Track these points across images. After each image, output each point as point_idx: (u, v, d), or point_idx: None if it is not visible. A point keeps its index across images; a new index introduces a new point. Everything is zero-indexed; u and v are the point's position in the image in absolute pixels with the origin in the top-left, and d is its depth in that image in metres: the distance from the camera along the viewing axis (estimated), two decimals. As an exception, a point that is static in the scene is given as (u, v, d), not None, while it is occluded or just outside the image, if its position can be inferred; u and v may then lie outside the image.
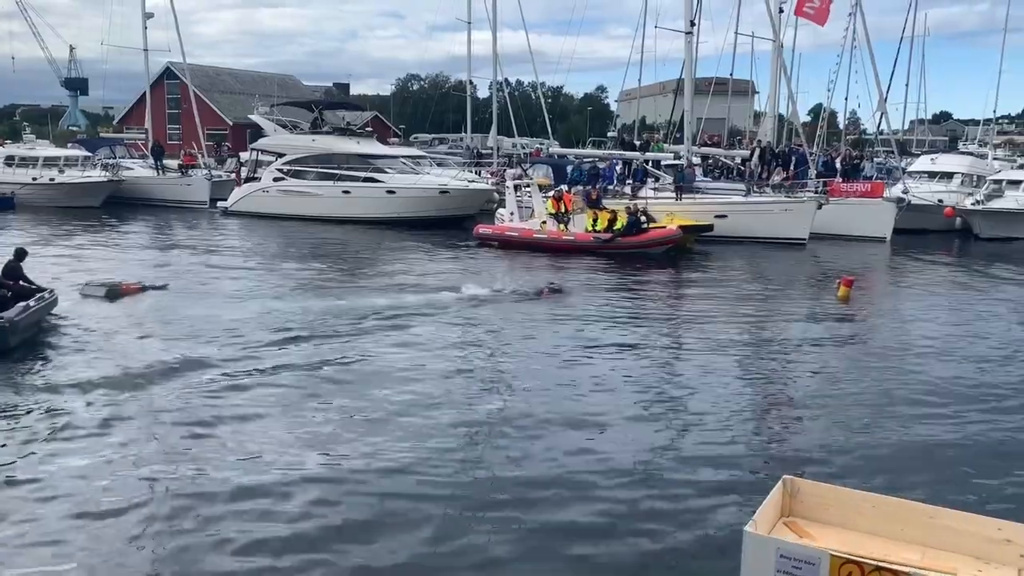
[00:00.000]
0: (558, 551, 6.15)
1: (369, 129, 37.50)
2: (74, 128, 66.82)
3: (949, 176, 33.02)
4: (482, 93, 63.60)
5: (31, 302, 11.84)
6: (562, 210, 23.96)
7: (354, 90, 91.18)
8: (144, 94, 44.04)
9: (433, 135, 64.42)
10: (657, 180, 29.60)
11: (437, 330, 12.95)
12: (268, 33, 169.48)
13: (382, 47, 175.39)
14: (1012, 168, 37.81)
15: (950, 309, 16.55)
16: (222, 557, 5.98)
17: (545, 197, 25.00)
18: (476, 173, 37.08)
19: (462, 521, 6.54)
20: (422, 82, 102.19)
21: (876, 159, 43.63)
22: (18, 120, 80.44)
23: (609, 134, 48.34)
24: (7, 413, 8.74)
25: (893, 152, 37.95)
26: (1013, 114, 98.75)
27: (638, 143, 38.64)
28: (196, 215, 32.86)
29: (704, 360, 11.75)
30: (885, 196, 27.39)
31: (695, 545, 6.24)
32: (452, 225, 28.28)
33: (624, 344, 12.55)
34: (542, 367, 11.10)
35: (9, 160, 36.00)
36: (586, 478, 7.34)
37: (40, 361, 10.88)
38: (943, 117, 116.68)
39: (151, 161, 38.54)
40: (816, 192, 26.23)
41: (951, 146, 58.08)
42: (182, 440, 8.14)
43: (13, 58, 64.27)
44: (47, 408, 8.94)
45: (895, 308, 16.68)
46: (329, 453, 7.81)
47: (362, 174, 30.95)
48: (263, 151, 34.33)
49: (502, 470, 7.52)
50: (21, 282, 12.69)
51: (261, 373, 10.30)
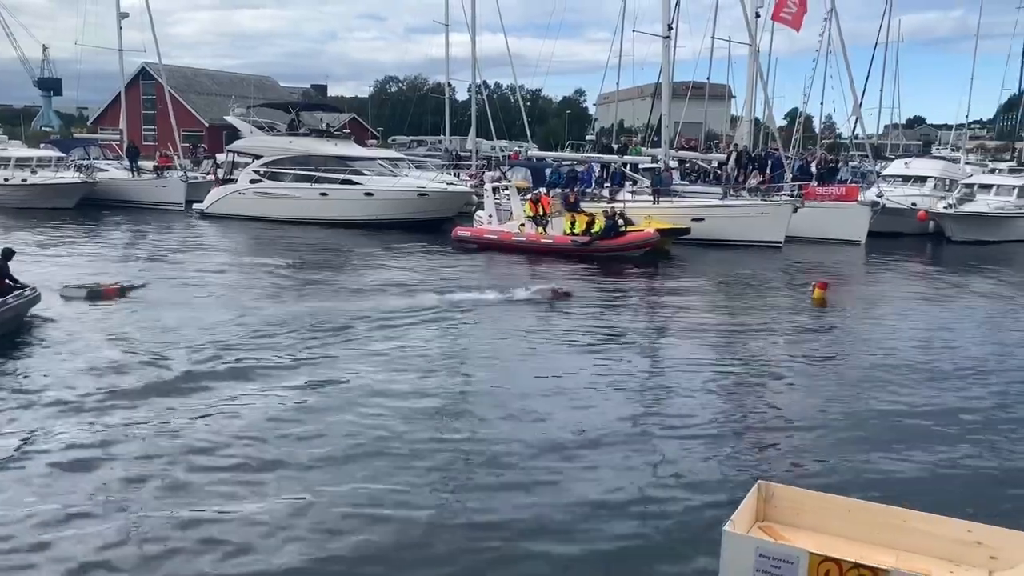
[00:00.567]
0: (532, 553, 6.14)
1: (347, 131, 37.41)
2: (47, 129, 65.92)
3: (922, 180, 33.41)
4: (461, 95, 63.47)
5: (9, 298, 12.12)
6: (540, 213, 24.02)
7: (332, 92, 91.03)
8: (119, 94, 43.62)
9: (412, 137, 64.32)
10: (635, 183, 29.71)
11: (416, 334, 12.89)
12: (246, 34, 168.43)
13: (361, 49, 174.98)
14: (983, 172, 38.39)
15: (923, 312, 16.74)
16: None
17: (523, 200, 25.03)
18: (455, 175, 37.05)
19: (442, 519, 6.52)
20: (400, 84, 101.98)
21: (851, 163, 44.06)
22: (-10, 120, 79.30)
23: (587, 137, 48.56)
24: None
25: (868, 156, 38.37)
26: (985, 119, 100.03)
27: (616, 146, 38.83)
28: (172, 217, 32.54)
29: (680, 363, 11.80)
30: (860, 200, 27.69)
31: (671, 547, 6.25)
32: (430, 228, 28.20)
33: (601, 347, 12.57)
34: (518, 370, 11.11)
35: (-19, 161, 35.51)
36: (562, 481, 7.35)
37: (14, 361, 10.81)
38: (917, 122, 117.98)
39: (126, 162, 38.16)
40: (792, 196, 26.45)
41: (924, 150, 58.82)
42: (152, 445, 8.04)
43: (-15, 58, 63.39)
44: (17, 405, 8.86)
45: (869, 311, 16.82)
46: (302, 464, 7.72)
47: (340, 176, 30.79)
48: (240, 153, 34.10)
49: (479, 476, 7.51)
50: (7, 280, 12.79)
51: (236, 379, 10.17)
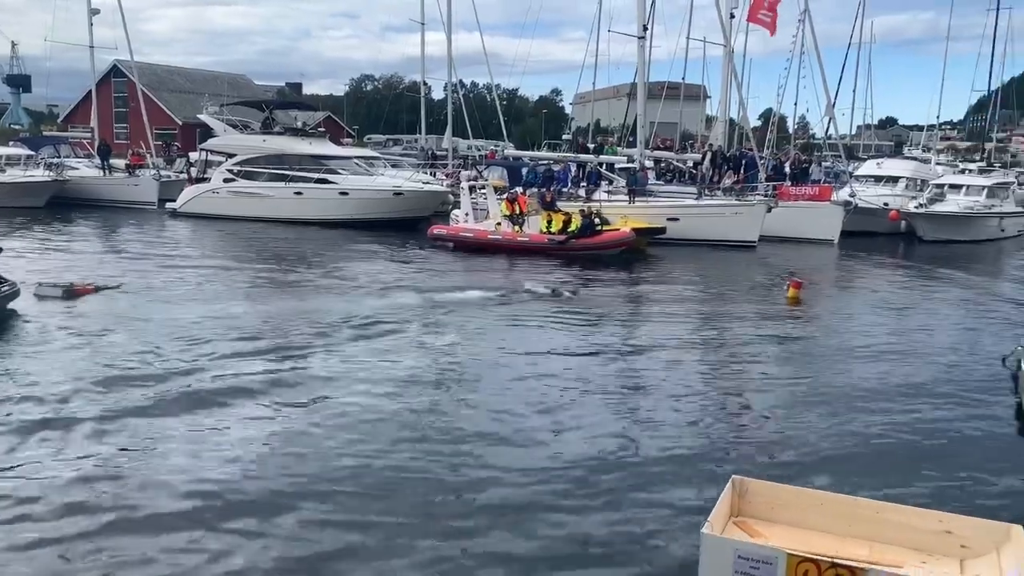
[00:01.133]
0: (503, 553, 6.12)
1: (322, 129, 37.14)
2: (16, 127, 65.00)
3: (894, 180, 33.85)
4: (437, 94, 63.59)
5: None
6: (517, 212, 24.03)
7: (307, 90, 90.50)
8: (90, 92, 43.03)
9: (387, 136, 64.08)
10: (611, 183, 29.82)
11: (393, 335, 12.79)
12: (219, 32, 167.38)
13: (335, 47, 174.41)
14: (954, 173, 38.95)
15: (894, 310, 16.95)
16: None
17: (500, 199, 25.03)
18: (431, 174, 36.98)
19: (419, 523, 6.49)
20: (376, 83, 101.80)
21: (824, 163, 44.51)
22: (-43, 117, 78.05)
23: (564, 137, 48.65)
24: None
25: (841, 156, 38.79)
26: (955, 120, 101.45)
27: (592, 146, 38.92)
28: (144, 216, 32.17)
29: (655, 361, 11.83)
30: (833, 200, 27.97)
31: (648, 547, 6.24)
32: (406, 227, 28.11)
33: (577, 346, 12.56)
34: (494, 370, 11.05)
35: (-52, 159, 34.92)
36: (536, 480, 7.32)
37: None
38: (889, 122, 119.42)
39: (97, 161, 37.66)
40: (766, 195, 26.67)
41: (896, 151, 59.55)
42: (121, 450, 7.93)
43: (-49, 54, 62.46)
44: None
45: (842, 309, 17.01)
46: (276, 471, 7.57)
47: (315, 175, 30.60)
48: (213, 151, 33.78)
49: (454, 474, 7.47)
50: None
51: (210, 380, 10.00)
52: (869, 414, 9.51)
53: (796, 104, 49.32)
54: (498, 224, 23.99)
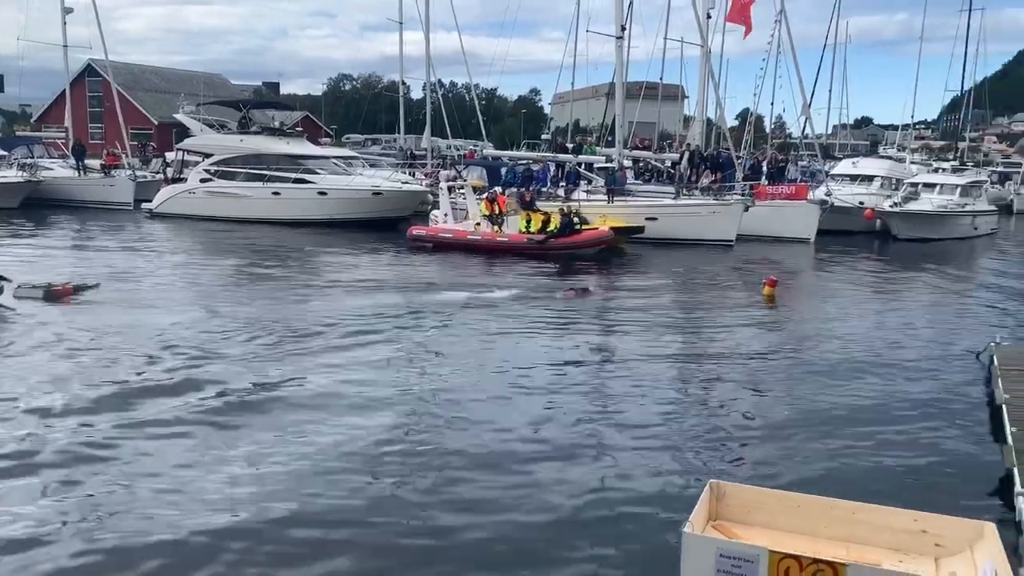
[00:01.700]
0: (482, 558, 6.12)
1: (299, 129, 36.94)
2: (-12, 127, 64.21)
3: (870, 179, 34.20)
4: (416, 94, 63.28)
5: None
6: (496, 211, 24.05)
7: (285, 90, 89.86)
8: (64, 91, 42.54)
9: (366, 136, 63.85)
10: (589, 183, 29.94)
11: (371, 336, 12.74)
12: (195, 31, 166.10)
13: (313, 46, 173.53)
14: (928, 172, 39.40)
15: (869, 308, 17.11)
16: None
17: (479, 199, 25.04)
18: (410, 174, 36.88)
19: (394, 532, 6.46)
20: (354, 82, 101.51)
21: (800, 162, 44.84)
22: (-72, 117, 76.80)
23: (543, 136, 48.57)
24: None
25: (817, 156, 39.08)
26: (929, 120, 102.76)
27: (571, 146, 38.99)
28: (120, 217, 31.81)
29: (632, 361, 11.83)
30: (809, 199, 28.21)
31: (627, 549, 6.25)
32: (385, 227, 28.03)
33: (552, 347, 12.56)
34: (471, 371, 10.99)
35: (-81, 159, 34.42)
36: (513, 484, 7.30)
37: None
38: (864, 122, 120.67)
39: (72, 161, 37.25)
40: (743, 195, 26.83)
41: (871, 150, 60.09)
42: (94, 457, 7.84)
43: (-78, 52, 61.43)
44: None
45: (818, 308, 17.13)
46: (256, 478, 7.54)
47: (292, 175, 30.43)
48: (190, 151, 33.51)
49: (430, 482, 7.45)
50: None
51: (184, 388, 9.77)
52: (843, 412, 9.58)
53: (773, 104, 49.64)
54: (477, 224, 23.99)
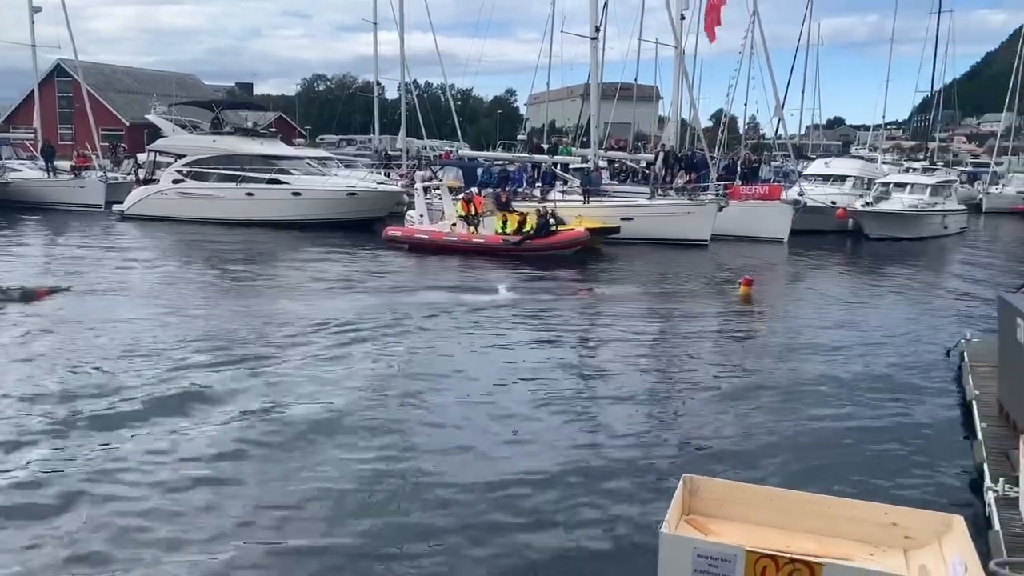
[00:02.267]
0: (459, 557, 6.10)
1: (273, 130, 36.73)
2: (-45, 128, 63.13)
3: (842, 179, 34.60)
4: (391, 94, 63.16)
5: None
6: (472, 212, 24.02)
7: (258, 90, 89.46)
8: (32, 92, 41.93)
9: (340, 136, 63.56)
10: (565, 183, 29.99)
11: (344, 338, 12.65)
12: (167, 31, 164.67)
13: (287, 46, 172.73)
14: (899, 172, 39.87)
15: (842, 306, 17.24)
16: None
17: (455, 199, 25.00)
18: (385, 175, 36.76)
19: (371, 538, 6.41)
20: (328, 82, 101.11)
21: (774, 163, 45.20)
22: None
23: (519, 137, 48.64)
24: None
25: (790, 156, 39.44)
26: (900, 120, 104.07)
27: (547, 146, 39.04)
28: (90, 219, 31.41)
29: (607, 362, 11.88)
30: (782, 199, 28.47)
31: (603, 549, 6.25)
32: (360, 228, 27.92)
33: (527, 347, 12.55)
34: (445, 376, 10.85)
35: None
36: (488, 487, 7.25)
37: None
38: (836, 122, 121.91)
39: (41, 162, 36.78)
40: (717, 195, 27.02)
41: (844, 150, 60.66)
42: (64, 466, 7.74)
43: None
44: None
45: (792, 306, 17.29)
46: (233, 490, 7.44)
47: (266, 176, 30.23)
48: (162, 152, 33.18)
49: (408, 480, 7.43)
50: None
51: (158, 393, 9.61)
52: (817, 408, 9.67)
53: (746, 105, 49.80)
54: (453, 225, 23.96)
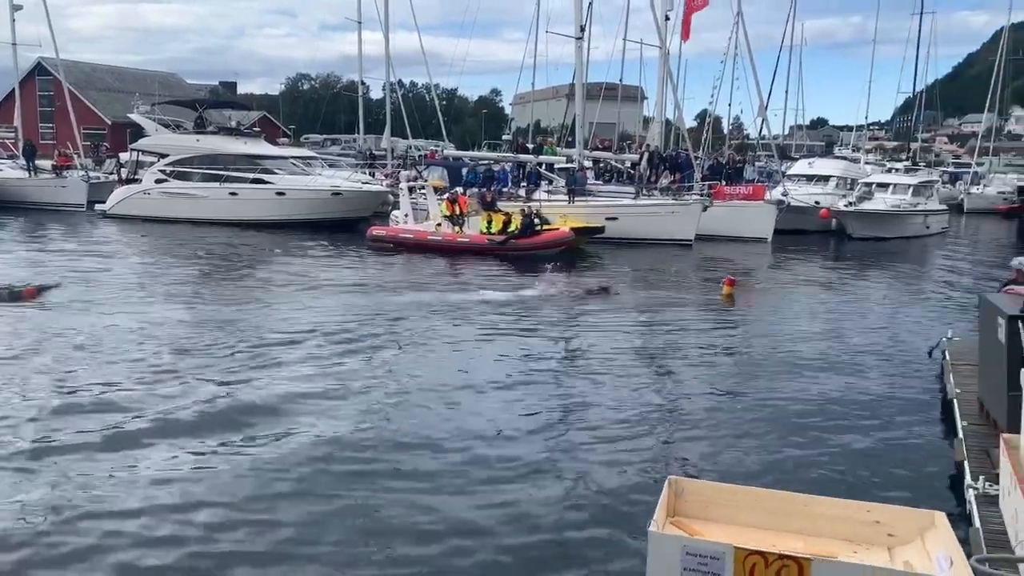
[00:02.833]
0: (444, 557, 6.10)
1: (257, 129, 36.53)
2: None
3: (825, 179, 34.81)
4: (375, 94, 63.00)
5: None
6: (457, 212, 24.00)
7: (242, 89, 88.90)
8: (13, 90, 41.53)
9: (325, 136, 63.34)
10: (550, 183, 30.01)
11: (330, 340, 12.61)
12: (152, 29, 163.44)
13: (271, 45, 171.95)
14: (882, 172, 40.17)
15: (825, 306, 17.38)
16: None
17: (440, 199, 24.97)
18: (370, 175, 36.66)
19: (359, 550, 6.39)
20: (313, 82, 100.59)
21: (757, 163, 45.42)
22: None
23: (504, 137, 48.62)
24: None
25: (773, 156, 39.64)
26: (883, 121, 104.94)
27: (532, 146, 39.07)
28: (72, 218, 31.15)
29: (591, 361, 11.88)
30: (766, 199, 28.59)
31: (590, 551, 6.24)
32: (345, 227, 27.83)
33: (510, 347, 12.56)
34: (431, 370, 10.93)
35: None
36: (473, 492, 7.24)
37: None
38: (820, 123, 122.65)
39: (22, 161, 36.45)
40: (701, 195, 27.11)
41: (827, 151, 61.06)
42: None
43: None
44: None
45: (775, 306, 17.37)
46: (215, 499, 7.34)
47: (250, 175, 30.06)
48: (144, 151, 32.91)
49: (392, 480, 7.42)
50: None
51: (140, 401, 9.41)
52: (799, 408, 9.73)
53: (730, 105, 50.18)
54: (438, 225, 23.93)
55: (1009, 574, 4.97)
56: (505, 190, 28.04)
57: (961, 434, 7.97)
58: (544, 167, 31.13)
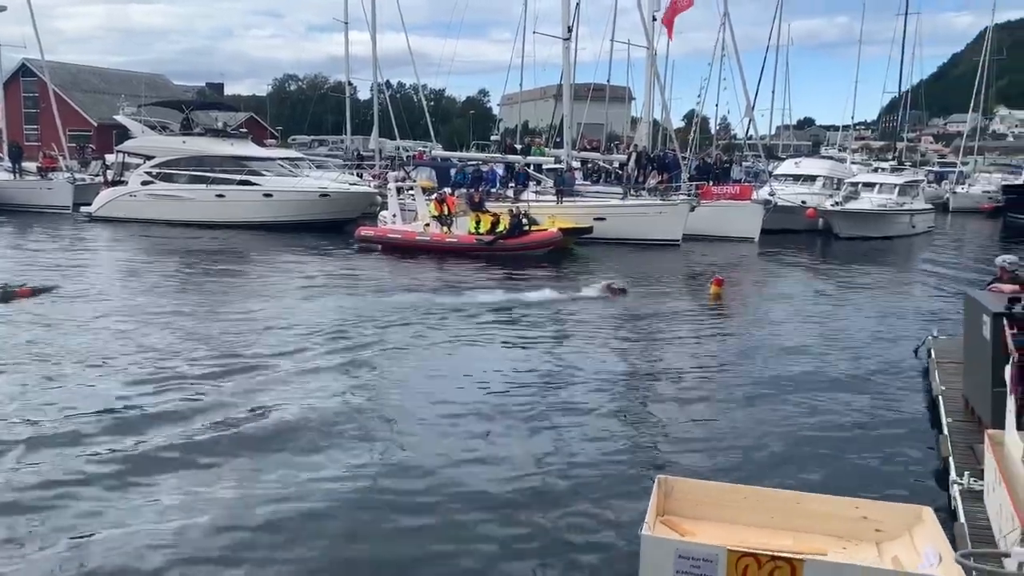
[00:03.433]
0: (434, 560, 6.09)
1: (244, 130, 36.41)
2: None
3: (812, 179, 34.97)
4: (363, 95, 62.87)
5: None
6: (445, 212, 24.00)
7: (229, 90, 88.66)
8: (-3, 91, 41.29)
9: (312, 137, 63.16)
10: (538, 183, 30.03)
11: (318, 340, 12.58)
12: (138, 30, 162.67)
13: (258, 46, 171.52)
14: (868, 172, 40.42)
15: (812, 305, 17.47)
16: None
17: (428, 199, 24.96)
18: (358, 175, 36.59)
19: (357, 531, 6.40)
20: (300, 83, 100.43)
21: (744, 163, 45.60)
22: None
23: (492, 137, 48.66)
24: None
25: (760, 156, 39.79)
26: (869, 120, 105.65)
27: (520, 147, 39.09)
28: (58, 221, 30.89)
29: (579, 361, 11.86)
30: (753, 198, 28.71)
31: (581, 553, 6.22)
32: (333, 229, 27.76)
33: (499, 348, 12.58)
34: (419, 381, 10.72)
35: None
36: (464, 496, 7.20)
37: None
38: (806, 123, 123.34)
39: (7, 163, 36.20)
40: (689, 195, 27.20)
41: (814, 151, 61.35)
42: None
43: None
44: None
45: (762, 306, 17.44)
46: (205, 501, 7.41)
47: (237, 177, 29.93)
48: (130, 153, 32.72)
49: (382, 483, 7.42)
50: None
51: (127, 410, 9.26)
52: (786, 406, 9.78)
53: (717, 105, 50.42)
54: (426, 225, 23.92)
55: (993, 568, 5.01)
56: (493, 191, 28.05)
57: (946, 430, 8.05)
58: (532, 168, 31.15)
